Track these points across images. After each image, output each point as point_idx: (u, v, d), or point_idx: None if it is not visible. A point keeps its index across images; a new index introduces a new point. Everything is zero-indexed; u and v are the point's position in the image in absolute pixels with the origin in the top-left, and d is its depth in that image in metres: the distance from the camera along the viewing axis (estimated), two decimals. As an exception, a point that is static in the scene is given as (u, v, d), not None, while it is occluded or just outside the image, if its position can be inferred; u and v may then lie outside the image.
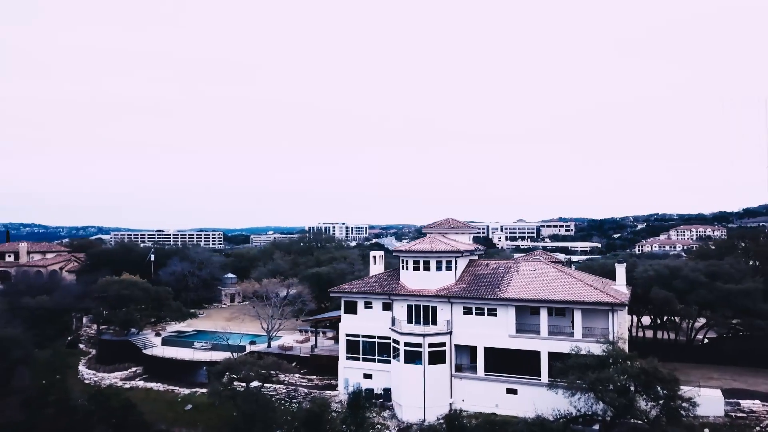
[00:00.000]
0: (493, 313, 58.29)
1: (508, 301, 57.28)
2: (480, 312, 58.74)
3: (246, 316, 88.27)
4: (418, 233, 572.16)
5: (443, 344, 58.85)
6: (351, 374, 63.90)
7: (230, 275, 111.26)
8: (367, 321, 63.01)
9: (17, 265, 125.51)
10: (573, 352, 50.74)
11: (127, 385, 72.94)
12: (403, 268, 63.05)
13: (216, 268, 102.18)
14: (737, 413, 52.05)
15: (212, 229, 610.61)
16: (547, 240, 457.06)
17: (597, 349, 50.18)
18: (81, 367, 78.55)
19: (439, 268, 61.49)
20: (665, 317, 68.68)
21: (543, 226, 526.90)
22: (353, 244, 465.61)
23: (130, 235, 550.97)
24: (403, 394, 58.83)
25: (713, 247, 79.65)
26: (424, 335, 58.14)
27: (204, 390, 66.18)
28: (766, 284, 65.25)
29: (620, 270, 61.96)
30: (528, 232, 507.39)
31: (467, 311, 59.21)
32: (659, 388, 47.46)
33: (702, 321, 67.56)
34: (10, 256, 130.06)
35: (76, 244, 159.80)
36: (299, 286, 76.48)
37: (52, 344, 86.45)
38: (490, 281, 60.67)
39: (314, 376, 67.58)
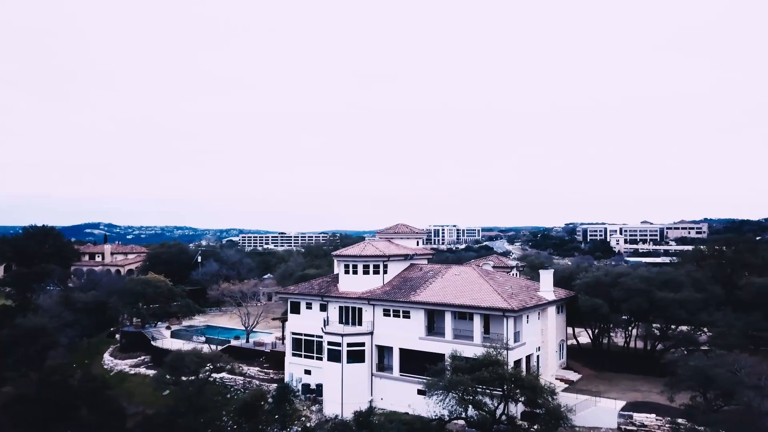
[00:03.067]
0: (407, 315, 60.67)
1: (417, 304, 59.45)
2: (397, 314, 61.36)
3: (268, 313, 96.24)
4: (533, 236, 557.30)
5: (362, 344, 62.16)
6: (295, 369, 69.03)
7: (268, 275, 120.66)
8: (308, 320, 67.74)
9: (102, 265, 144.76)
10: (474, 356, 52.18)
11: (133, 372, 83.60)
12: (340, 272, 67.12)
13: (246, 269, 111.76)
14: (629, 426, 50.34)
15: (332, 232, 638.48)
16: (672, 243, 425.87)
17: (481, 351, 51.17)
18: (105, 355, 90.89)
19: (366, 272, 64.82)
20: (601, 325, 66.24)
21: (670, 228, 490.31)
22: (462, 246, 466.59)
23: (257, 236, 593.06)
24: (326, 389, 63.01)
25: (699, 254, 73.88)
26: (342, 335, 61.90)
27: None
28: (727, 295, 61.27)
29: (546, 276, 61.70)
30: (651, 235, 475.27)
31: (387, 313, 62.07)
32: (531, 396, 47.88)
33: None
34: (98, 256, 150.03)
35: (157, 246, 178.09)
36: (277, 287, 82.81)
37: (97, 333, 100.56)
38: (412, 285, 62.95)
39: (271, 370, 73.50)
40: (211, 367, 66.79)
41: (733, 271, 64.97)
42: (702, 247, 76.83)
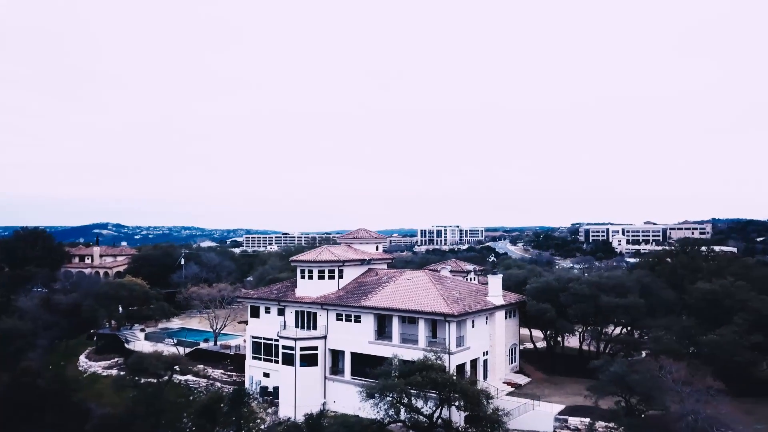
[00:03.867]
0: (358, 320, 61.77)
1: (366, 309, 60.55)
2: (348, 319, 62.48)
3: (238, 316, 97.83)
4: (536, 236, 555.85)
5: (315, 348, 63.35)
6: (255, 372, 70.32)
7: (249, 278, 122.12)
8: (267, 325, 68.98)
9: (91, 267, 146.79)
10: (416, 359, 53.21)
11: (105, 374, 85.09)
12: (297, 277, 68.32)
13: (225, 272, 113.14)
14: (563, 430, 51.23)
15: (336, 232, 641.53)
16: (675, 244, 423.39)
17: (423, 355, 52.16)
18: (82, 357, 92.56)
19: (321, 277, 66.00)
20: (551, 330, 67.07)
21: (673, 229, 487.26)
22: (464, 247, 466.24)
23: (262, 237, 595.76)
24: (281, 392, 64.26)
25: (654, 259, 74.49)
26: (296, 339, 63.10)
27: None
28: (677, 300, 61.98)
29: (494, 281, 62.62)
30: (653, 235, 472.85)
31: (339, 318, 63.19)
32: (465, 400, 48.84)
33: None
34: (88, 258, 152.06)
35: (150, 247, 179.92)
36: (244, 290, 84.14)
37: (76, 335, 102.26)
38: (365, 290, 64.04)
39: (234, 373, 74.83)
40: (176, 369, 68.37)
41: (684, 276, 65.53)
42: (664, 248, 77.24)
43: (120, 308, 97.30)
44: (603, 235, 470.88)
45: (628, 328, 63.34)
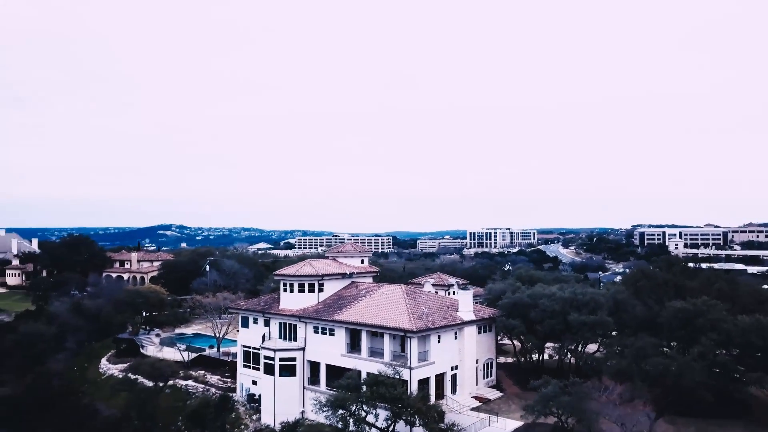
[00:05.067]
0: (332, 333, 64.13)
1: (339, 323, 62.82)
2: (324, 332, 64.94)
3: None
4: (589, 239, 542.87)
5: (294, 359, 66.11)
6: (245, 380, 73.72)
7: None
8: (255, 335, 72.23)
9: (129, 272, 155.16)
10: (380, 373, 55.35)
11: (120, 375, 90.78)
12: (280, 290, 71.28)
13: (243, 279, 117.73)
14: (514, 447, 51.95)
15: (386, 234, 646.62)
16: (736, 247, 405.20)
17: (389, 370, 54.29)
18: (103, 360, 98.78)
19: (302, 290, 68.72)
20: (524, 345, 67.28)
21: (736, 232, 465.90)
22: (515, 250, 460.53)
23: (311, 239, 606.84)
24: (263, 400, 67.36)
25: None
26: (275, 350, 66.04)
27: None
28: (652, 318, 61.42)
29: (464, 297, 63.75)
30: (714, 239, 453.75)
31: (316, 330, 65.73)
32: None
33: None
34: (127, 263, 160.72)
35: (186, 252, 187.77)
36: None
37: (101, 339, 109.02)
38: (342, 303, 66.31)
39: (230, 379, 78.54)
40: (170, 375, 72.90)
41: (665, 294, 64.50)
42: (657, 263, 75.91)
43: (144, 313, 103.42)
44: (659, 238, 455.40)
45: (598, 345, 63.08)
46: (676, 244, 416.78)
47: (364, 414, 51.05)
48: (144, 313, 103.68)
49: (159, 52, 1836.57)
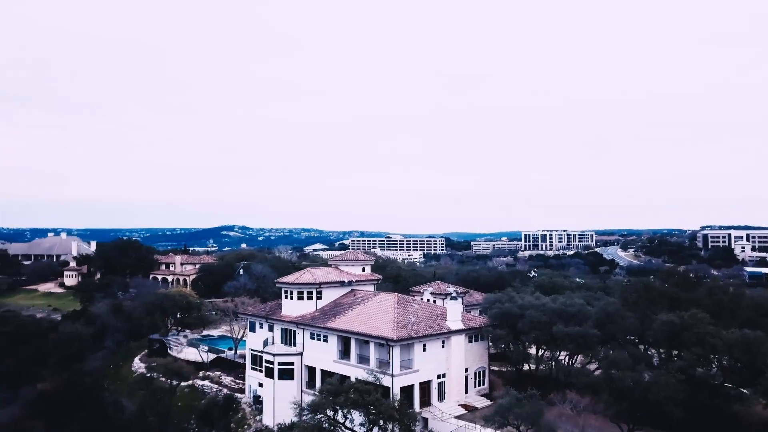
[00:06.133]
0: (326, 339, 66.79)
1: (331, 330, 65.39)
2: (319, 338, 67.67)
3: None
4: (649, 241, 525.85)
5: (292, 363, 69.20)
6: (252, 382, 77.33)
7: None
8: (261, 339, 75.75)
9: (172, 274, 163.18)
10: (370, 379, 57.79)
11: (149, 374, 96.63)
12: (282, 297, 74.48)
13: (271, 283, 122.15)
14: (485, 455, 52.93)
15: (440, 235, 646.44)
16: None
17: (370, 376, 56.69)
18: (136, 359, 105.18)
19: (300, 297, 71.70)
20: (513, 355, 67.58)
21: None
22: (571, 252, 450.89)
23: (365, 239, 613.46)
24: (264, 402, 70.79)
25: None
26: (274, 354, 69.33)
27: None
28: (642, 325, 61.02)
29: (452, 307, 65.07)
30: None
31: (312, 336, 68.57)
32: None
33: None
34: (172, 266, 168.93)
35: (231, 255, 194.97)
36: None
37: (137, 339, 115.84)
38: (337, 311, 68.84)
39: (242, 381, 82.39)
40: (200, 374, 77.63)
41: (659, 306, 63.50)
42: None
43: (177, 315, 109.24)
44: (724, 241, 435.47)
45: (588, 356, 62.90)
46: (743, 247, 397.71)
47: (342, 419, 53.34)
48: (178, 315, 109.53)
49: (218, 59, 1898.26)
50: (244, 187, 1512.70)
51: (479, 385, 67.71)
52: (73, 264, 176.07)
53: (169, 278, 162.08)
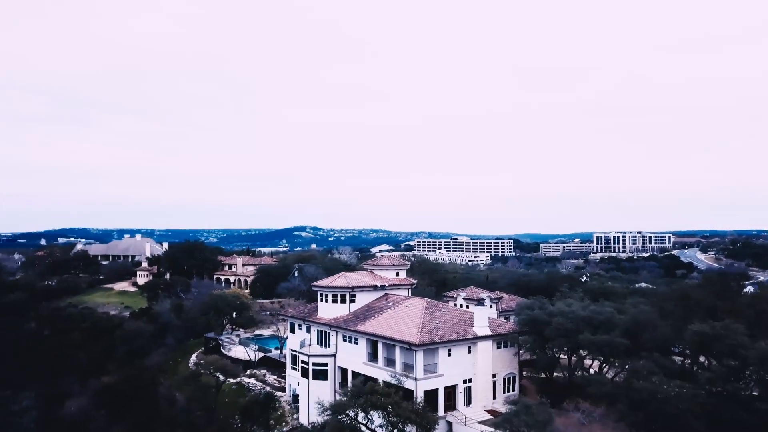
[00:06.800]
0: (356, 342, 68.74)
1: (360, 333, 67.28)
2: (350, 340, 69.72)
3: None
4: (732, 243, 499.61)
5: (326, 364, 71.60)
6: (293, 381, 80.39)
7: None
8: (300, 340, 78.65)
9: (234, 275, 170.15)
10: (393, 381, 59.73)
11: (196, 371, 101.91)
12: (318, 299, 76.98)
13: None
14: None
15: (509, 236, 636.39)
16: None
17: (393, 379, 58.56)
18: (193, 356, 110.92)
19: (335, 301, 73.98)
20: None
21: None
22: (646, 255, 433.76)
23: (431, 241, 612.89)
24: (301, 401, 73.60)
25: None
26: (309, 355, 71.97)
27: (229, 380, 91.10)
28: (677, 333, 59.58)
29: (479, 312, 65.47)
30: None
31: (344, 339, 70.71)
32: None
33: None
34: (234, 267, 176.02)
35: (291, 257, 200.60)
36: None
37: (197, 337, 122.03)
38: (368, 315, 70.62)
39: (284, 379, 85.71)
40: (248, 372, 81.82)
41: (695, 315, 61.42)
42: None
43: (234, 314, 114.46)
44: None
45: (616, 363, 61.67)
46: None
47: (363, 420, 55.08)
48: (234, 315, 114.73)
49: (289, 66, 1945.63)
50: (317, 189, 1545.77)
51: (509, 391, 67.66)
52: (144, 264, 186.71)
53: (232, 279, 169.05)
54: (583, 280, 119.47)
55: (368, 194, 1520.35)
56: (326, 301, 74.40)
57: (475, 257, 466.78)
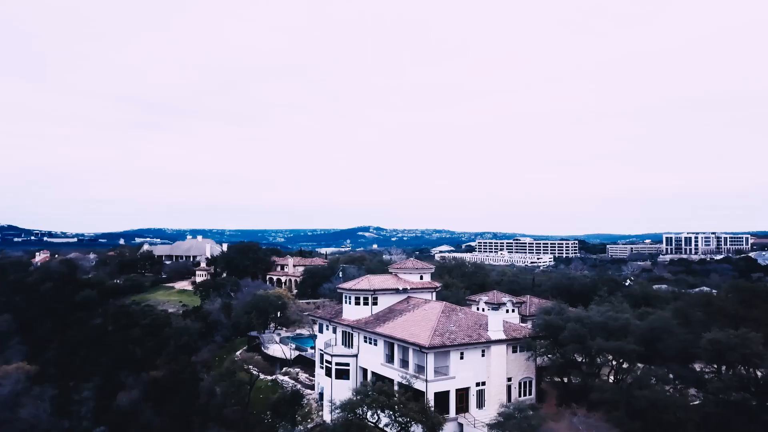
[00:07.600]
0: (376, 343, 70.65)
1: (378, 335, 69.16)
2: (370, 341, 71.71)
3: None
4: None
5: (348, 364, 73.87)
6: (321, 379, 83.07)
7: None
8: (326, 340, 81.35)
9: (285, 275, 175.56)
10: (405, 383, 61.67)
11: (246, 367, 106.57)
12: (343, 301, 79.35)
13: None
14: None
15: (573, 237, 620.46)
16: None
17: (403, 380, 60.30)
18: (238, 353, 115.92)
19: (357, 303, 76.13)
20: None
21: None
22: (719, 257, 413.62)
23: (491, 241, 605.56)
24: (324, 399, 76.17)
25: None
26: (332, 355, 74.45)
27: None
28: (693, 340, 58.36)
29: (493, 317, 66.00)
30: None
31: (365, 340, 72.77)
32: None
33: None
34: (286, 267, 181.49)
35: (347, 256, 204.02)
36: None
37: (244, 335, 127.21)
38: (387, 317, 72.38)
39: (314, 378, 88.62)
40: (283, 370, 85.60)
41: (717, 323, 59.51)
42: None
43: (278, 314, 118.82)
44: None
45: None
46: None
47: (372, 418, 56.96)
48: (278, 314, 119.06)
49: (362, 68, 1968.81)
50: (383, 190, 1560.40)
51: (525, 395, 67.76)
52: (203, 264, 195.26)
53: (283, 279, 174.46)
54: (627, 284, 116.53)
55: (432, 194, 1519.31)
56: (350, 303, 76.68)
57: (538, 258, 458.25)
